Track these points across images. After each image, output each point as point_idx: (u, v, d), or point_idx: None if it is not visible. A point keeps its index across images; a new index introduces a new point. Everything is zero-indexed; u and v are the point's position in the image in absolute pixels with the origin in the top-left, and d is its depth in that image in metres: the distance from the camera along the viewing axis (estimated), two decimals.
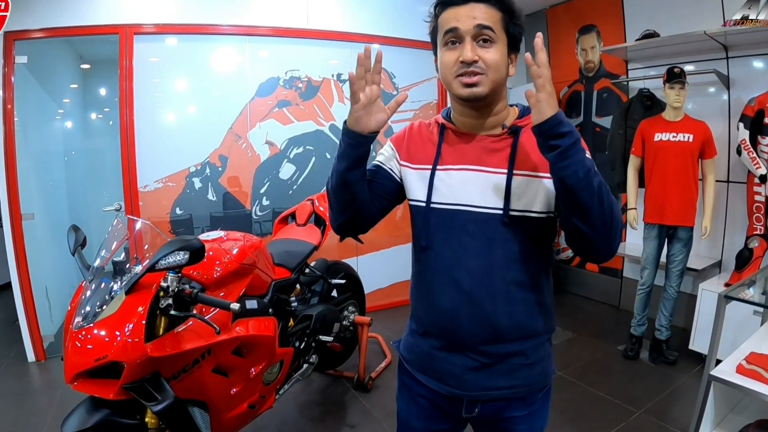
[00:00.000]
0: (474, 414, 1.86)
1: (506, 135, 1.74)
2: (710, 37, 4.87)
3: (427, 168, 1.80)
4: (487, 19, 1.62)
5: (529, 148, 1.69)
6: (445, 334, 1.80)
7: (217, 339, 2.70)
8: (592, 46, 6.74)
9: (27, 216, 5.03)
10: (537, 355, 1.83)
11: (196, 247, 2.42)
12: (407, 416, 2.03)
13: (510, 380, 1.80)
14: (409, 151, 1.88)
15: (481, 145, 1.75)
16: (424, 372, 1.90)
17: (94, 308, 2.49)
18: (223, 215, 5.76)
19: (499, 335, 1.74)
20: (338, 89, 6.26)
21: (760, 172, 4.57)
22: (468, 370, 1.78)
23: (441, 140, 1.83)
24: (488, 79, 1.64)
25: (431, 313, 1.83)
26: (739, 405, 3.17)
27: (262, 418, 3.64)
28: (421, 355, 1.90)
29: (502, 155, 1.71)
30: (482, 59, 1.62)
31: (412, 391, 1.99)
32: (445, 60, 1.69)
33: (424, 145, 1.86)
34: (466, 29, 1.62)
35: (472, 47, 1.62)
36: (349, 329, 4.74)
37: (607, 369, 5.01)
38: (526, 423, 1.88)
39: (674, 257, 4.96)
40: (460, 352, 1.79)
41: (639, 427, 3.97)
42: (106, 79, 6.46)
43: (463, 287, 1.67)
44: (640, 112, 5.59)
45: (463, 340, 1.76)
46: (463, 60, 1.62)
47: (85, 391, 2.36)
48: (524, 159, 1.69)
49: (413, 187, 1.83)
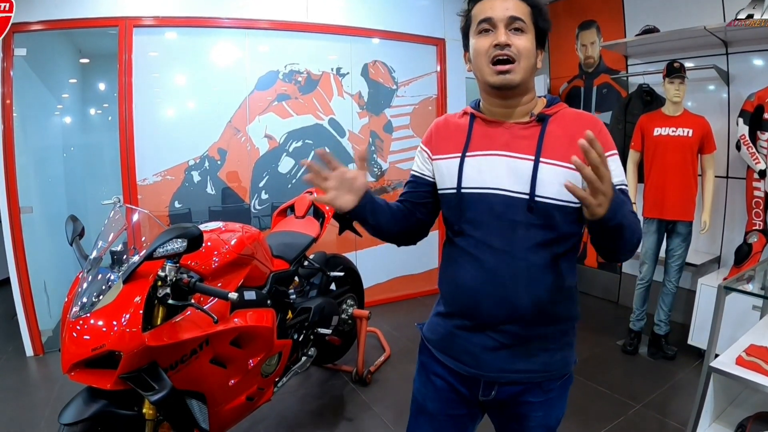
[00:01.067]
0: (490, 397, 1.87)
1: (534, 122, 1.77)
2: (710, 33, 4.87)
3: (457, 156, 1.84)
4: (519, 12, 1.70)
5: (556, 137, 1.73)
6: (467, 313, 1.83)
7: (215, 329, 2.70)
8: (591, 41, 6.74)
9: (25, 209, 5.02)
10: (558, 342, 1.86)
11: (195, 234, 2.42)
12: (423, 398, 2.04)
13: (528, 364, 1.82)
14: (439, 145, 1.93)
15: (509, 132, 1.78)
16: (443, 351, 1.93)
17: (92, 298, 2.48)
18: (222, 209, 5.75)
19: (519, 316, 1.75)
20: (338, 83, 6.24)
21: (759, 167, 4.57)
22: (486, 350, 1.81)
23: (471, 128, 1.86)
24: (520, 67, 1.70)
25: (455, 293, 1.87)
26: (738, 398, 3.17)
27: (261, 411, 3.65)
28: (443, 335, 1.93)
29: (530, 142, 1.74)
30: (515, 45, 1.68)
31: (429, 370, 2.01)
32: (478, 46, 1.74)
33: (454, 135, 1.89)
34: (499, 18, 1.69)
35: (506, 33, 1.69)
36: (348, 322, 4.73)
37: (606, 364, 5.01)
38: (542, 410, 1.90)
39: (673, 252, 4.96)
40: (480, 331, 1.81)
41: (638, 421, 3.97)
42: (105, 74, 6.44)
43: (486, 266, 1.71)
44: (640, 108, 5.59)
45: (484, 318, 1.78)
46: (498, 43, 1.68)
47: (83, 381, 2.36)
48: (552, 148, 1.72)
49: (445, 176, 1.88)
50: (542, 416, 1.90)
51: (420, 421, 2.07)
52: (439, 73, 6.83)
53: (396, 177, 6.69)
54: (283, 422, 4.04)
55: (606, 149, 1.58)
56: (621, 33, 6.25)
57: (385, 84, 6.52)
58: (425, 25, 6.57)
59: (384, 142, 6.56)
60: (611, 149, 1.73)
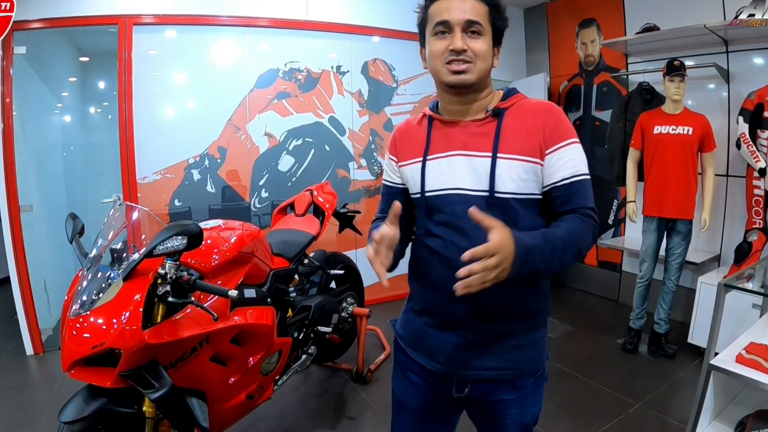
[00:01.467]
0: (464, 394, 1.88)
1: (490, 118, 1.79)
2: (710, 31, 4.87)
3: (419, 160, 1.86)
4: (476, 14, 1.70)
5: (512, 131, 1.75)
6: (437, 311, 1.86)
7: (215, 327, 2.70)
8: (592, 39, 6.75)
9: (25, 208, 5.02)
10: (529, 338, 1.86)
11: (194, 231, 2.42)
12: (403, 394, 2.06)
13: (499, 361, 1.82)
14: (402, 151, 1.96)
15: (466, 131, 1.80)
16: (416, 348, 1.96)
17: (92, 296, 2.48)
18: (222, 207, 5.75)
19: (489, 313, 1.78)
20: (338, 81, 6.24)
21: (759, 165, 4.57)
22: (458, 348, 1.83)
23: (429, 132, 1.89)
24: (476, 68, 1.72)
25: (425, 291, 1.90)
26: (738, 396, 3.17)
27: (261, 409, 3.64)
28: (415, 332, 1.96)
29: (486, 139, 1.76)
30: (471, 49, 1.70)
31: (404, 367, 2.03)
32: (434, 48, 1.75)
33: (415, 140, 1.92)
34: (456, 21, 1.69)
35: (462, 37, 1.69)
36: (348, 321, 4.74)
37: (606, 362, 5.01)
38: (517, 407, 1.88)
39: (673, 250, 4.96)
40: (451, 330, 1.83)
41: (638, 420, 3.97)
42: (104, 73, 6.43)
43: (456, 265, 1.58)
44: (640, 106, 5.59)
45: (455, 317, 1.80)
46: (453, 48, 1.69)
47: (83, 379, 2.36)
48: (508, 142, 1.73)
49: (410, 181, 1.91)
50: (516, 413, 1.89)
51: (402, 417, 2.11)
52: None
53: None
54: (283, 420, 4.04)
55: (566, 137, 1.74)
56: (621, 31, 6.25)
57: (385, 82, 6.52)
58: None
59: (384, 140, 6.55)
60: (571, 137, 1.76)
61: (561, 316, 6.20)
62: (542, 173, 1.74)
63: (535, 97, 1.88)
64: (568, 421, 3.97)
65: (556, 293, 7.12)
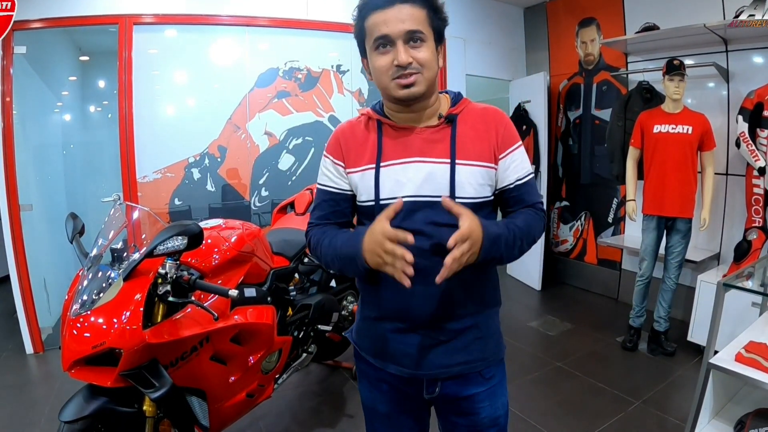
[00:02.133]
0: (435, 394, 1.89)
1: (444, 124, 1.80)
2: (710, 31, 4.88)
3: (371, 167, 1.81)
4: (415, 22, 1.67)
5: (467, 137, 1.79)
6: (400, 315, 1.83)
7: (216, 326, 2.70)
8: (591, 38, 6.75)
9: (25, 207, 5.03)
10: (489, 328, 1.91)
11: (195, 231, 2.42)
12: (372, 402, 2.06)
13: (466, 355, 1.85)
14: (350, 157, 1.88)
15: (421, 137, 1.80)
16: (380, 356, 1.93)
17: (92, 295, 2.49)
18: (222, 206, 5.76)
19: (452, 311, 1.80)
20: (337, 80, 6.24)
21: (758, 164, 4.58)
22: (424, 349, 1.82)
23: (380, 136, 1.84)
24: (423, 78, 1.70)
25: (386, 297, 1.85)
26: (737, 395, 3.17)
27: (261, 407, 3.64)
28: (376, 340, 1.93)
29: (443, 145, 1.77)
30: (416, 60, 1.68)
31: (370, 376, 2.02)
32: (379, 65, 1.72)
33: (363, 145, 1.86)
34: (396, 34, 1.66)
35: (405, 50, 1.67)
36: (348, 319, 4.73)
37: (605, 360, 5.02)
38: (488, 400, 1.92)
39: (673, 249, 4.97)
40: (415, 332, 1.83)
41: (638, 418, 3.98)
42: (105, 72, 6.45)
43: (417, 267, 1.60)
44: (640, 105, 5.59)
45: (419, 318, 1.80)
46: (399, 64, 1.66)
47: (83, 378, 2.36)
48: (464, 148, 1.77)
49: (360, 188, 1.84)
50: (488, 406, 1.92)
51: (376, 424, 2.11)
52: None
53: None
54: (283, 419, 4.05)
55: (514, 141, 1.84)
56: (621, 30, 6.26)
57: None
58: None
59: None
60: (518, 140, 1.86)
61: (561, 314, 6.22)
62: (496, 176, 1.81)
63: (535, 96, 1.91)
64: (567, 419, 3.98)
65: (556, 291, 7.15)
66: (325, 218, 1.94)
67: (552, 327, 5.84)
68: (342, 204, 1.92)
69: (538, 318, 6.18)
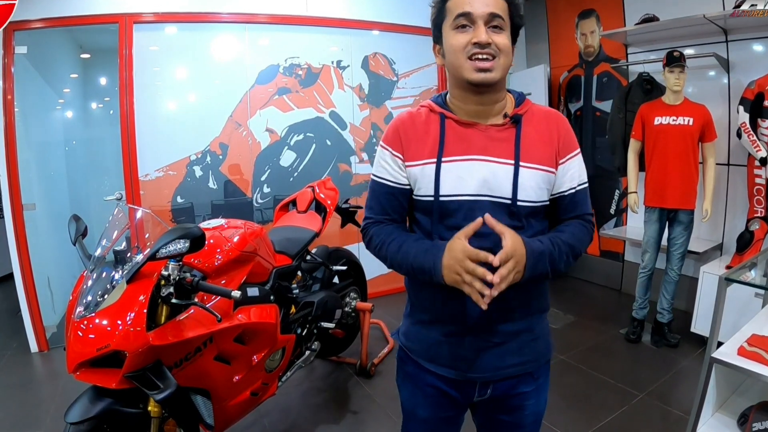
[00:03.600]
0: (486, 396, 1.90)
1: (509, 124, 1.75)
2: (709, 21, 4.86)
3: (432, 162, 1.75)
4: (498, 8, 1.65)
5: (531, 139, 1.74)
6: (457, 319, 1.80)
7: (219, 327, 2.71)
8: (591, 30, 6.74)
9: (28, 206, 5.04)
10: (541, 330, 1.91)
11: (197, 234, 2.42)
12: (412, 406, 2.04)
13: (520, 357, 1.85)
14: (409, 149, 1.81)
15: (485, 135, 1.74)
16: (432, 360, 1.90)
17: (96, 298, 2.50)
18: (224, 203, 5.77)
19: (509, 314, 1.78)
20: (338, 76, 6.24)
21: (760, 154, 4.57)
22: (481, 352, 1.81)
23: (443, 131, 1.78)
24: (499, 64, 1.66)
25: (439, 300, 1.81)
26: (741, 387, 3.17)
27: (265, 405, 3.67)
28: (429, 344, 1.90)
29: (507, 145, 1.73)
30: (495, 43, 1.64)
31: (417, 380, 1.99)
32: (456, 42, 1.67)
33: (424, 138, 1.80)
34: (479, 14, 1.63)
35: (486, 30, 1.63)
36: (351, 315, 4.74)
37: (609, 352, 5.03)
38: (534, 398, 1.93)
39: (675, 240, 4.97)
40: (472, 335, 1.80)
41: (641, 410, 3.99)
42: (106, 69, 6.46)
43: None
44: (640, 96, 5.58)
45: (476, 322, 1.77)
46: (478, 41, 1.62)
47: (88, 380, 2.37)
48: (528, 150, 1.72)
49: (420, 182, 1.78)
50: (534, 403, 1.94)
51: (411, 426, 2.10)
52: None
53: None
54: (288, 416, 4.07)
55: (574, 147, 1.82)
56: (620, 22, 6.24)
57: (385, 76, 6.52)
58: (425, 16, 6.45)
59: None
60: (577, 147, 1.84)
61: (564, 306, 6.22)
62: (554, 181, 1.77)
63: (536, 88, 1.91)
64: (571, 412, 3.98)
65: (559, 283, 7.13)
66: (383, 213, 1.89)
67: (555, 319, 5.84)
68: (400, 199, 1.86)
69: None
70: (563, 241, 1.72)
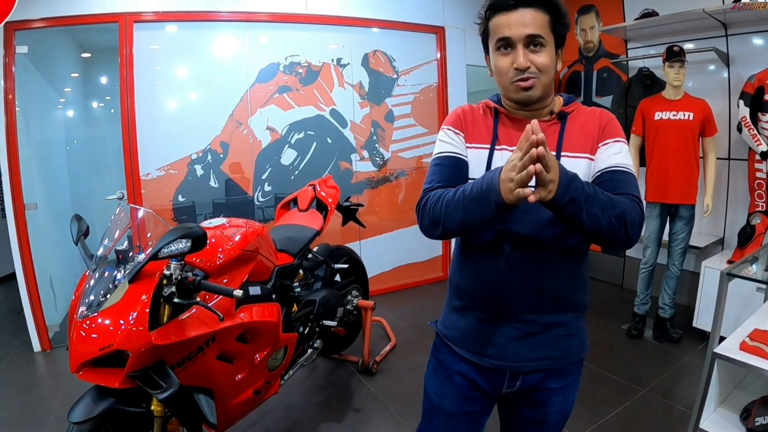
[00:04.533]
0: (515, 388, 1.95)
1: (555, 120, 1.85)
2: (709, 15, 4.86)
3: (486, 147, 1.87)
4: (537, 27, 1.72)
5: (574, 133, 1.83)
6: (490, 304, 1.88)
7: (221, 326, 2.71)
8: (591, 26, 6.73)
9: (30, 206, 5.04)
10: (575, 327, 1.94)
11: (198, 234, 2.43)
12: (439, 396, 2.08)
13: (551, 350, 1.89)
14: (469, 132, 1.93)
15: None
16: (465, 347, 1.97)
17: (98, 297, 2.51)
18: (226, 202, 5.77)
19: (542, 304, 1.84)
20: (338, 74, 6.24)
21: (761, 149, 4.56)
22: (512, 340, 1.87)
23: (496, 123, 1.91)
24: (540, 83, 1.75)
25: (477, 285, 1.91)
26: (743, 382, 3.18)
27: (268, 403, 3.68)
28: (463, 330, 1.97)
29: (551, 139, 1.81)
30: (534, 64, 1.72)
31: (448, 369, 2.04)
32: (500, 65, 1.78)
33: (481, 126, 1.92)
34: (517, 38, 1.71)
35: (525, 54, 1.72)
36: (353, 313, 4.74)
37: (611, 348, 5.04)
38: (562, 395, 1.98)
39: (676, 235, 4.98)
40: (504, 322, 1.87)
41: (644, 406, 3.99)
42: (106, 68, 6.44)
43: (511, 257, 1.78)
44: (640, 92, 5.59)
45: (509, 309, 1.85)
46: (518, 67, 1.72)
47: (91, 380, 2.38)
48: (570, 142, 1.82)
49: (473, 165, 1.89)
50: (561, 401, 1.98)
51: (434, 421, 2.12)
52: (440, 60, 6.80)
53: (398, 166, 6.70)
54: (290, 414, 4.07)
55: (617, 135, 1.82)
56: (620, 17, 6.24)
57: (385, 73, 6.52)
58: (424, 13, 6.54)
59: (386, 132, 6.56)
60: (621, 136, 1.83)
61: None
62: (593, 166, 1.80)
63: None
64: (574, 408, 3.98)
65: None
66: (445, 182, 1.87)
67: None
68: (464, 170, 1.90)
69: None
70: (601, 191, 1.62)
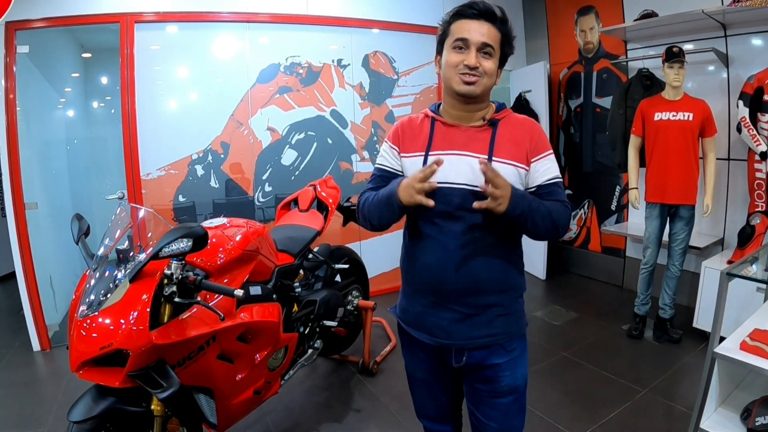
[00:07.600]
0: (462, 363, 2.19)
1: (486, 126, 2.11)
2: (708, 16, 4.86)
3: (421, 154, 2.13)
4: (491, 38, 2.02)
5: (505, 139, 2.08)
6: (433, 291, 2.14)
7: (222, 325, 2.71)
8: (591, 27, 6.74)
9: (30, 205, 5.04)
10: (513, 307, 2.19)
11: (199, 234, 2.43)
12: (412, 369, 2.45)
13: (489, 329, 2.14)
14: (405, 143, 2.21)
15: (466, 134, 2.10)
16: (418, 328, 2.24)
17: (99, 296, 2.50)
18: (226, 202, 5.77)
19: (479, 288, 2.09)
20: (339, 74, 6.24)
21: (760, 149, 4.57)
22: (453, 322, 2.13)
23: (432, 130, 2.16)
24: (482, 82, 2.03)
25: (421, 273, 2.16)
26: (743, 382, 3.17)
27: (268, 403, 3.69)
28: (415, 314, 2.24)
29: (483, 143, 2.07)
30: (482, 66, 2.01)
31: (411, 347, 2.36)
32: (451, 60, 2.04)
33: (418, 136, 2.18)
34: (474, 41, 1.99)
35: (476, 56, 2.00)
36: (353, 314, 4.75)
37: (611, 349, 5.03)
38: (509, 369, 2.20)
39: (676, 236, 4.98)
40: (445, 307, 2.13)
41: (644, 406, 3.99)
42: (107, 68, 6.46)
43: (449, 247, 2.05)
44: (640, 92, 5.59)
45: (449, 294, 2.10)
46: (468, 64, 2.00)
47: (91, 379, 2.38)
48: (501, 148, 2.06)
49: (409, 171, 2.14)
50: (509, 375, 2.20)
51: (415, 388, 2.49)
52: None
53: None
54: (290, 414, 4.07)
55: (547, 149, 2.12)
56: (619, 18, 6.25)
57: (385, 74, 6.52)
58: (425, 14, 6.54)
59: (386, 132, 6.54)
60: (550, 149, 2.15)
61: (566, 303, 6.24)
62: (527, 177, 2.08)
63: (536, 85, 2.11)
64: (574, 408, 3.99)
65: (561, 279, 7.17)
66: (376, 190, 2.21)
67: (557, 316, 5.85)
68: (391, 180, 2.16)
69: (543, 308, 6.19)
70: (542, 203, 2.01)
